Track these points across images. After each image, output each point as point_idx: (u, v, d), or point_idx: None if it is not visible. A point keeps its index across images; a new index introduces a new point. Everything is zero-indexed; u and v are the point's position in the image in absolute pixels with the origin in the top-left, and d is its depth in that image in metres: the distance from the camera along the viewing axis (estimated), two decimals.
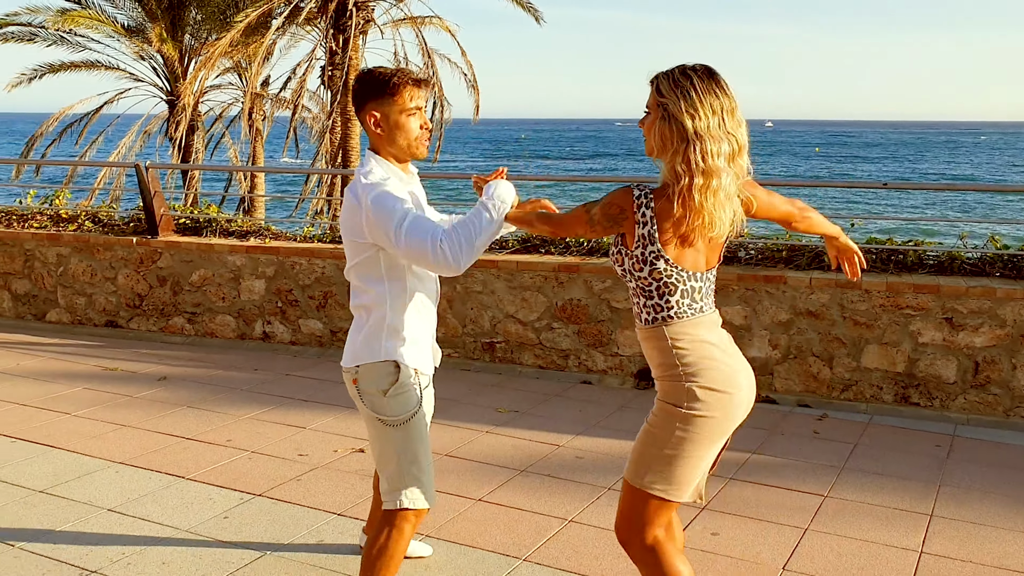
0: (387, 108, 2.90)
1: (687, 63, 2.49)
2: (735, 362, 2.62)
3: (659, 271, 2.49)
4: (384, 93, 2.89)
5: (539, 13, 18.62)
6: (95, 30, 17.56)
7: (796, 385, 5.99)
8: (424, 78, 3.01)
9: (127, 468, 4.58)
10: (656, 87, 2.48)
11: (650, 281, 2.52)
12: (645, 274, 2.51)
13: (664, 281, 2.51)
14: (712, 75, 2.46)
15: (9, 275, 7.95)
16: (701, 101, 2.41)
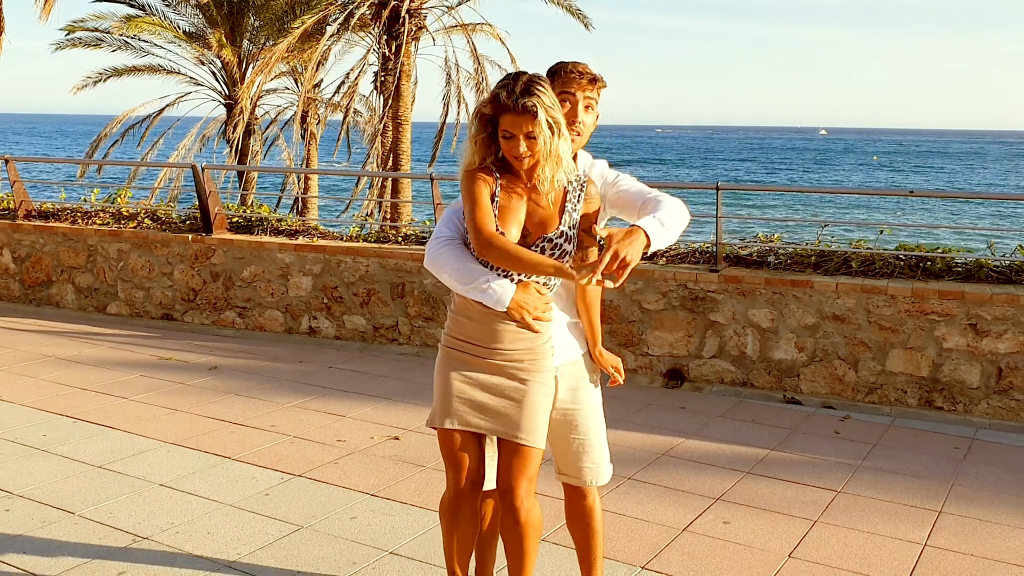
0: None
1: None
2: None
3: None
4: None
5: (588, 20, 18.83)
6: (157, 35, 18.20)
7: (821, 387, 6.13)
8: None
9: (178, 448, 4.91)
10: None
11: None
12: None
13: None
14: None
15: (73, 269, 8.40)
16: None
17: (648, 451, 5.03)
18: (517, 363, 2.93)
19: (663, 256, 6.80)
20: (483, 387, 2.94)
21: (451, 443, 2.99)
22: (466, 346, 2.96)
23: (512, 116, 2.79)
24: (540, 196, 2.89)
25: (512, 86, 2.82)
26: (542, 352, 2.95)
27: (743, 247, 6.78)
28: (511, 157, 2.85)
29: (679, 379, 6.49)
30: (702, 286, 6.40)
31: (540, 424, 2.96)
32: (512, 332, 2.90)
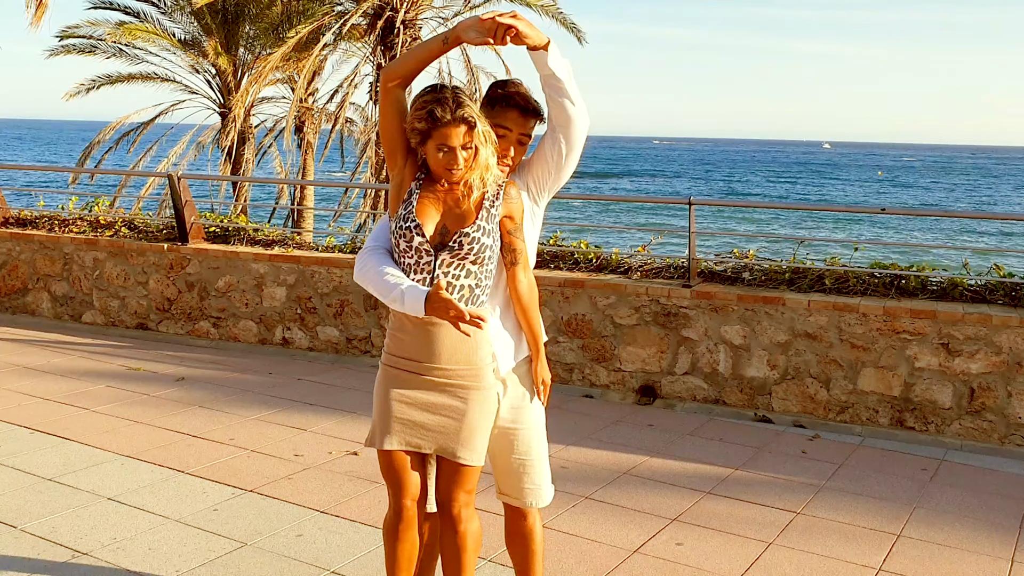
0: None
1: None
2: None
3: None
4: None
5: (582, 33, 18.80)
6: (152, 43, 18.19)
7: (793, 406, 6.06)
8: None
9: (132, 461, 4.85)
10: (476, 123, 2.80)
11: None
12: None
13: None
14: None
15: (49, 277, 8.35)
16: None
17: (610, 469, 4.96)
18: (456, 380, 2.87)
19: (637, 271, 6.75)
20: (422, 406, 2.89)
21: (392, 464, 2.94)
22: (404, 363, 2.91)
23: (449, 129, 2.76)
24: (456, 200, 2.86)
25: (444, 99, 2.78)
26: (482, 368, 2.89)
27: (718, 263, 6.72)
28: (444, 170, 2.81)
29: (651, 396, 6.42)
30: (675, 302, 6.34)
31: (479, 442, 2.91)
32: (450, 348, 2.85)
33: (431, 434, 2.88)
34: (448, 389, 2.87)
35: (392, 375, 2.92)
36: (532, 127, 2.97)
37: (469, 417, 2.87)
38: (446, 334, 2.83)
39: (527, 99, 2.93)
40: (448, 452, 2.87)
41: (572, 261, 6.98)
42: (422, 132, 2.79)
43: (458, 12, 19.30)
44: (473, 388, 2.87)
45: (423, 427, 2.88)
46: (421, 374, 2.87)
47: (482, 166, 2.85)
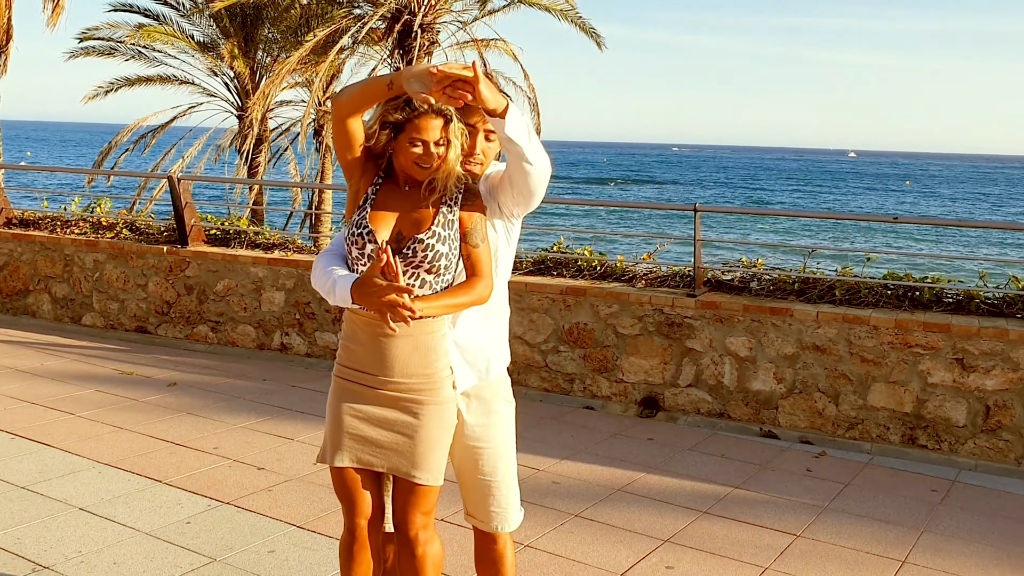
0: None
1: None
2: None
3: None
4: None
5: (601, 39, 18.60)
6: (171, 45, 18.20)
7: (800, 421, 5.84)
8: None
9: (110, 469, 4.71)
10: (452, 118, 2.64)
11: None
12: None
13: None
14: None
15: (50, 279, 8.27)
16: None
17: (604, 486, 4.77)
18: (411, 394, 2.70)
19: (641, 279, 6.55)
20: (374, 421, 2.72)
21: (343, 481, 2.78)
22: (356, 375, 2.74)
23: (425, 121, 2.60)
24: (417, 199, 2.70)
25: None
26: (438, 380, 2.72)
27: (724, 272, 6.51)
28: (415, 164, 2.65)
29: (654, 408, 6.22)
30: (679, 311, 6.13)
31: (436, 460, 2.73)
32: (403, 360, 2.68)
33: (384, 452, 2.72)
34: (402, 404, 2.70)
35: (343, 388, 2.76)
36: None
37: (423, 434, 2.70)
38: (399, 345, 2.66)
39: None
40: (402, 472, 2.71)
41: (575, 268, 6.79)
42: (395, 124, 2.63)
43: (477, 17, 19.20)
44: (428, 403, 2.70)
45: (376, 444, 2.72)
46: (373, 387, 2.71)
47: (450, 164, 2.69)
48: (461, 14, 19.38)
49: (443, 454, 2.75)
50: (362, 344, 2.70)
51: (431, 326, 2.67)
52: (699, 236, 6.25)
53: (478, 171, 2.80)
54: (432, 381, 2.70)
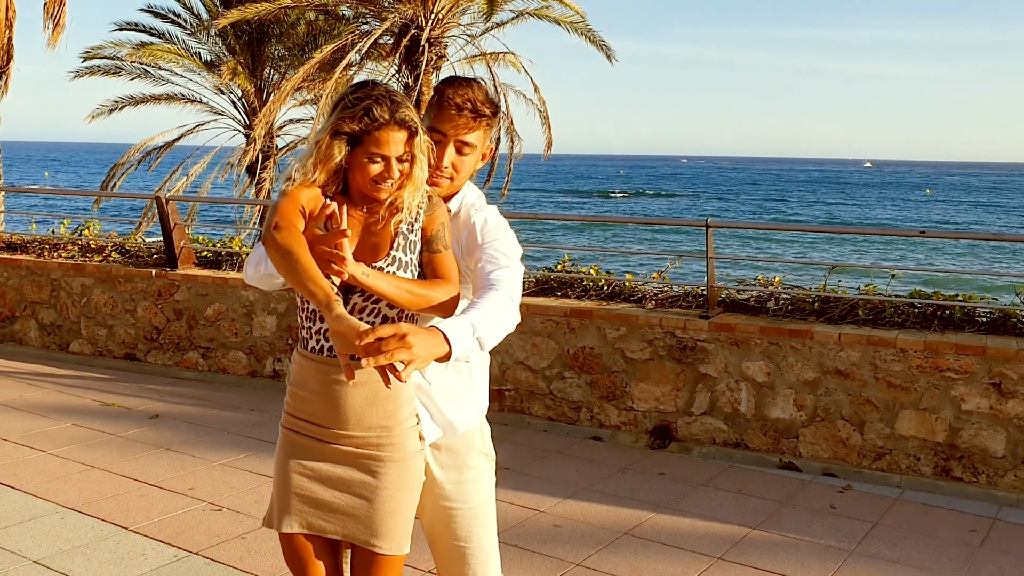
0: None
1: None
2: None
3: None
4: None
5: (612, 52, 18.26)
6: (176, 64, 17.98)
7: (823, 451, 5.42)
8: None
9: (74, 515, 4.35)
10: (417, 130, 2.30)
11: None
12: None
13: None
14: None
15: (37, 304, 7.96)
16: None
17: (609, 528, 4.37)
18: (368, 449, 2.33)
19: (651, 299, 6.16)
20: (327, 481, 2.35)
21: (293, 549, 2.40)
22: (307, 427, 2.37)
23: (386, 134, 2.23)
24: (376, 224, 2.33)
25: (381, 97, 2.26)
26: (400, 433, 2.35)
27: (740, 291, 6.11)
28: (372, 186, 2.28)
29: (666, 438, 5.81)
30: (691, 334, 5.74)
31: (399, 526, 2.35)
32: (358, 409, 2.31)
33: (339, 517, 2.34)
34: (359, 461, 2.32)
35: (291, 442, 2.38)
36: (477, 134, 2.42)
37: (384, 496, 2.32)
38: (354, 392, 2.29)
39: (467, 101, 2.39)
40: (360, 539, 2.33)
41: (581, 288, 6.41)
42: (350, 137, 2.26)
43: (485, 30, 18.91)
44: (389, 459, 2.32)
45: (329, 507, 2.34)
46: (326, 441, 2.34)
47: (415, 183, 2.32)
48: (469, 27, 19.10)
49: (408, 517, 2.37)
50: (312, 391, 2.33)
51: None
52: (712, 253, 5.86)
53: (445, 187, 2.43)
54: (393, 434, 2.33)
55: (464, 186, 2.52)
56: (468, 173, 2.47)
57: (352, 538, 2.35)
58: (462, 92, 2.39)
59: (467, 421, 2.53)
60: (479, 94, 2.40)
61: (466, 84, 2.42)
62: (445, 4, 17.52)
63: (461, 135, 2.39)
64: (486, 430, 2.63)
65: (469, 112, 2.37)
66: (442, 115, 2.39)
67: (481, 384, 2.58)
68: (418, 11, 17.44)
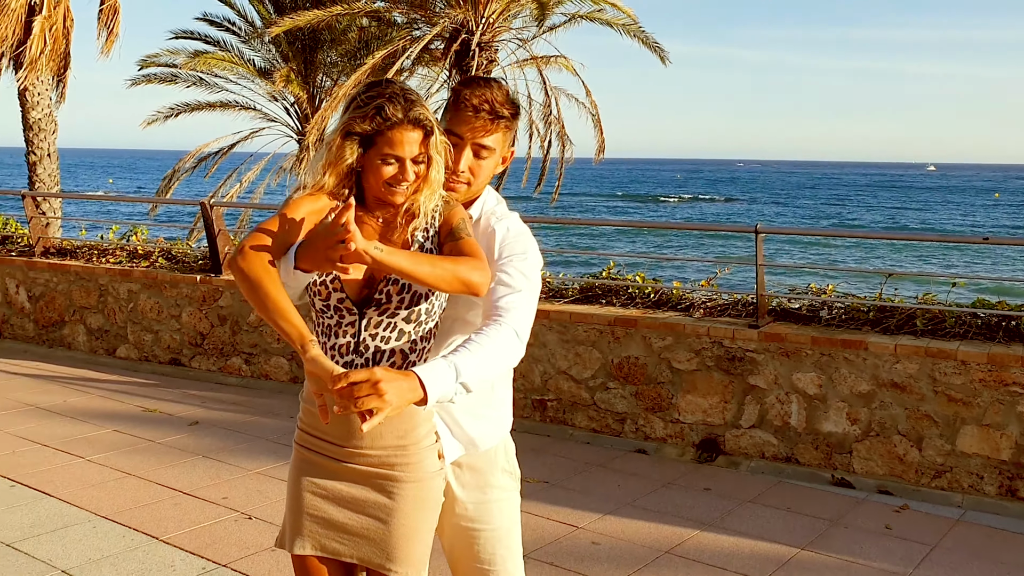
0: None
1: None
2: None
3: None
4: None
5: (665, 53, 18.02)
6: (230, 71, 18.17)
7: (878, 467, 5.18)
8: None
9: (106, 523, 4.31)
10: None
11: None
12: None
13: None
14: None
15: (85, 309, 8.02)
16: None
17: (650, 546, 4.19)
18: (384, 468, 2.21)
19: (699, 308, 5.97)
20: (341, 501, 2.23)
21: (306, 572, 2.29)
22: (320, 444, 2.26)
23: (400, 133, 2.12)
24: (392, 231, 2.21)
25: (395, 96, 2.14)
26: (417, 452, 2.22)
27: (791, 299, 5.89)
28: (387, 187, 2.16)
29: (713, 451, 5.61)
30: (740, 344, 5.54)
31: (415, 550, 2.23)
32: (374, 427, 2.19)
33: (352, 539, 2.22)
34: (374, 481, 2.20)
35: (305, 459, 2.28)
36: (496, 136, 2.30)
37: (400, 518, 2.20)
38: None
39: (484, 101, 2.26)
40: (374, 563, 2.21)
41: (626, 296, 6.24)
42: (363, 138, 2.15)
43: (537, 34, 18.80)
44: (405, 479, 2.20)
45: (342, 529, 2.23)
46: (340, 459, 2.22)
47: (431, 187, 2.20)
48: (520, 31, 19.02)
49: (425, 541, 2.24)
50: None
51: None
52: (761, 260, 5.65)
53: (462, 192, 2.31)
54: (409, 453, 2.21)
55: (484, 192, 2.39)
56: (486, 178, 2.34)
57: (367, 562, 2.23)
58: (479, 92, 2.26)
59: (489, 438, 2.39)
60: (498, 94, 2.27)
61: (484, 84, 2.29)
62: (496, 8, 17.46)
63: (479, 138, 2.26)
64: (510, 447, 2.50)
65: (487, 113, 2.25)
66: (459, 117, 2.26)
67: (505, 399, 2.45)
68: (468, 16, 17.40)
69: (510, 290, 2.19)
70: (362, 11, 17.93)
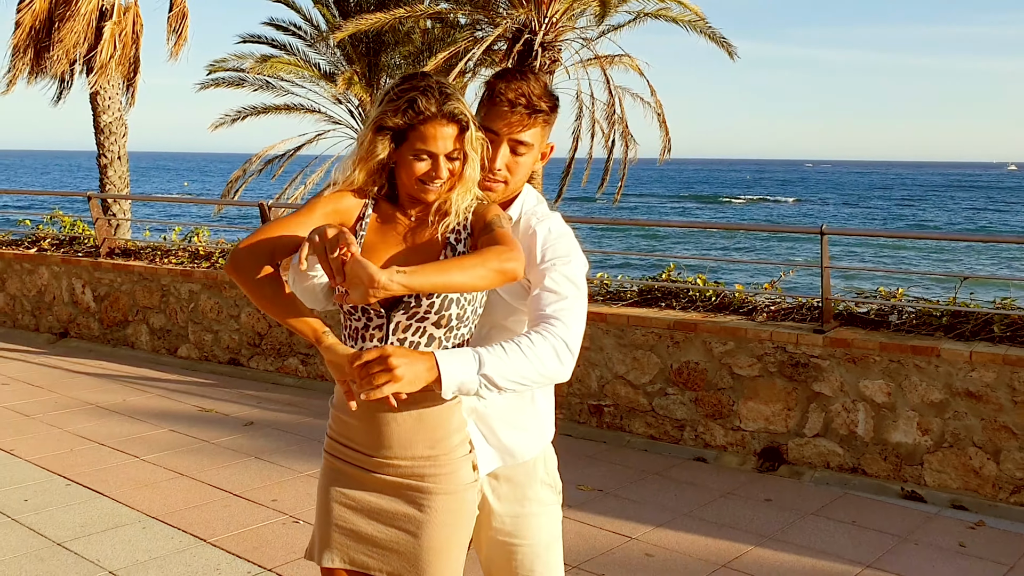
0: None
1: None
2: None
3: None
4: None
5: (733, 48, 17.69)
6: (296, 75, 18.36)
7: (951, 480, 4.92)
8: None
9: (157, 524, 4.30)
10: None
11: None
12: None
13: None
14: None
15: (148, 309, 8.12)
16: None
17: (706, 560, 4.03)
18: (415, 479, 2.11)
19: (761, 312, 5.77)
20: (370, 513, 2.14)
21: None
22: (349, 453, 2.17)
23: (433, 128, 2.02)
24: (424, 231, 2.11)
25: (429, 89, 2.05)
26: (450, 463, 2.12)
27: (858, 303, 5.65)
28: (419, 184, 2.07)
29: (776, 460, 5.41)
30: (804, 349, 5.32)
31: (447, 565, 2.13)
32: (404, 434, 2.10)
33: (382, 552, 2.13)
34: (404, 492, 2.11)
35: (334, 468, 2.19)
36: (534, 131, 2.18)
37: (430, 531, 2.09)
38: (398, 416, 2.08)
39: (521, 95, 2.15)
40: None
41: (686, 299, 6.07)
42: (396, 132, 2.05)
43: (601, 32, 18.62)
44: (437, 491, 2.09)
45: (372, 542, 2.13)
46: (369, 470, 2.13)
47: (466, 184, 2.10)
48: (584, 31, 18.86)
49: (457, 557, 2.14)
50: (355, 415, 2.13)
51: (436, 394, 2.07)
52: (827, 262, 5.43)
53: (499, 191, 2.20)
54: (441, 463, 2.10)
55: (523, 191, 2.28)
56: (524, 176, 2.22)
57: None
58: (515, 86, 2.14)
59: (528, 448, 2.28)
60: (535, 87, 2.15)
61: (520, 77, 2.17)
62: (559, 8, 17.33)
63: (515, 133, 2.15)
64: (551, 459, 2.37)
65: (524, 108, 2.13)
66: (494, 112, 2.15)
67: (544, 409, 2.33)
68: (531, 16, 17.31)
69: (557, 297, 2.07)
70: (425, 13, 17.96)
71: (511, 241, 2.04)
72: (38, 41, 13.79)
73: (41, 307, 8.85)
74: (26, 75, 14.11)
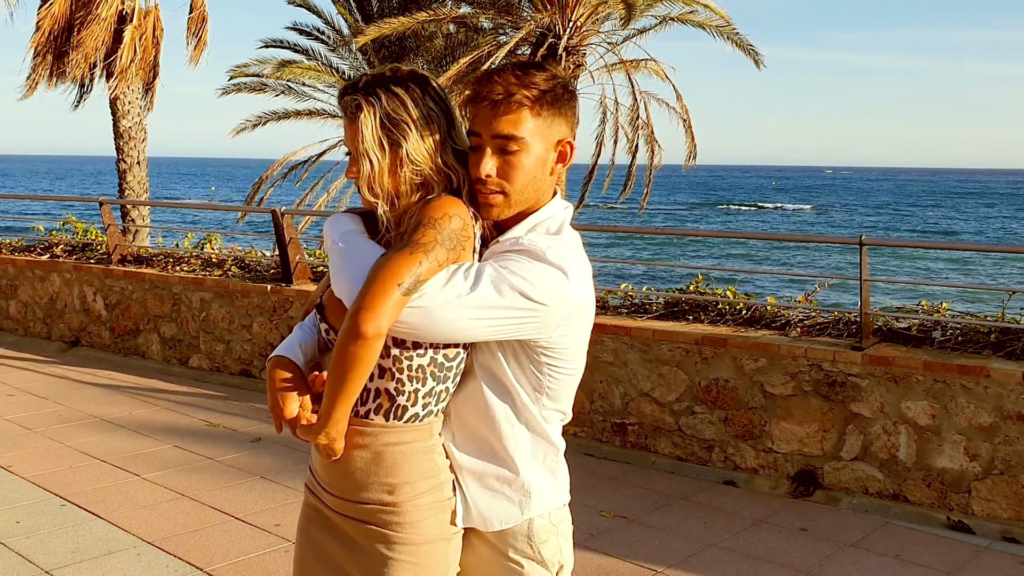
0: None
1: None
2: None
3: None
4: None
5: (760, 56, 17.35)
6: (317, 80, 18.19)
7: (1002, 510, 4.59)
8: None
9: (151, 551, 4.06)
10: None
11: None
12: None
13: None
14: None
15: (159, 318, 7.91)
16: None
17: None
18: (378, 526, 1.83)
19: (795, 326, 5.46)
20: (331, 565, 1.89)
21: None
22: (318, 488, 1.93)
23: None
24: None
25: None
26: (413, 511, 1.82)
27: (899, 318, 5.33)
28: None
29: (811, 485, 5.10)
30: (841, 368, 5.01)
31: None
32: (359, 475, 1.83)
33: None
34: (368, 540, 1.84)
35: (307, 503, 1.98)
36: (518, 121, 1.82)
37: None
38: (353, 453, 1.84)
39: (497, 84, 1.83)
40: None
41: (716, 312, 5.77)
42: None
43: (626, 37, 18.33)
44: (400, 542, 1.81)
45: None
46: (335, 510, 1.88)
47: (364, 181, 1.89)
48: (609, 35, 18.59)
49: None
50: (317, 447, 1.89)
51: (397, 434, 1.81)
52: (866, 275, 5.11)
53: (499, 204, 1.87)
54: (402, 512, 1.82)
55: (549, 205, 1.91)
56: (527, 181, 1.86)
57: None
58: (488, 77, 1.84)
59: (501, 517, 1.90)
60: (514, 73, 1.84)
61: (499, 69, 1.88)
62: (583, 12, 17.06)
63: (495, 128, 1.81)
64: (544, 533, 1.94)
65: (499, 95, 1.81)
66: (473, 113, 1.85)
67: (532, 478, 1.91)
68: (555, 19, 17.06)
69: (471, 269, 1.80)
70: (448, 17, 17.77)
71: (366, 286, 1.73)
72: (58, 45, 13.69)
73: (53, 315, 8.67)
74: (46, 79, 14.01)
